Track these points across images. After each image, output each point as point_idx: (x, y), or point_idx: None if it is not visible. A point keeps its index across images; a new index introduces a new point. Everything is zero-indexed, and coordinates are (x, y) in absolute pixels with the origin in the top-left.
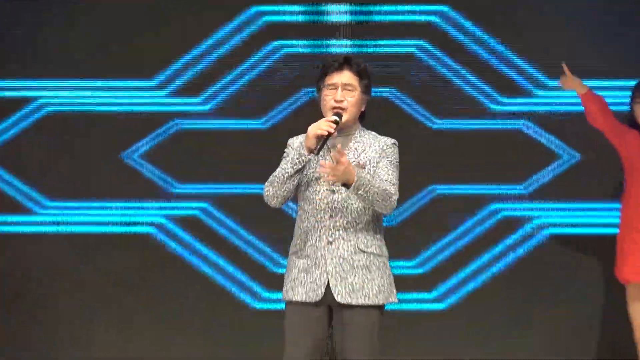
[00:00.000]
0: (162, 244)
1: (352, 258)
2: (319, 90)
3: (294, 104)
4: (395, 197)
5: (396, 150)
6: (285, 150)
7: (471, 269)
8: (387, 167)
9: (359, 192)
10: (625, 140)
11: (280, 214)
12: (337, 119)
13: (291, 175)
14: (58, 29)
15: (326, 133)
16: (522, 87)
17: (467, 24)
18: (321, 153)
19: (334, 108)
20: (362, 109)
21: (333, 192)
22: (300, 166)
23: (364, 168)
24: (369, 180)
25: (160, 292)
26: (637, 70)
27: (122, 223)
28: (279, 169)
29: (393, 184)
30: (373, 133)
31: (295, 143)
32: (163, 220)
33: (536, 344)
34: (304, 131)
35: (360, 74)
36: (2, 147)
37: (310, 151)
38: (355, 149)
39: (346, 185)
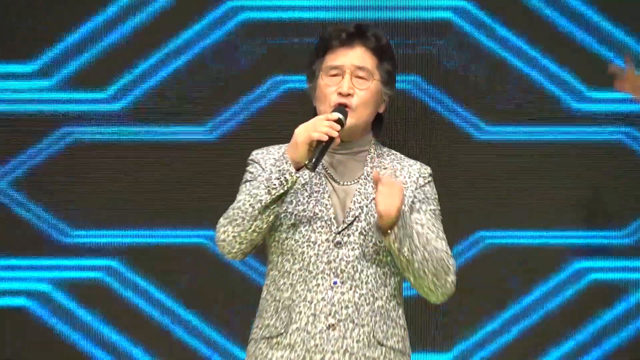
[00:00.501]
0: (41, 323)
1: (364, 355)
2: (313, 78)
3: (256, 102)
4: (454, 270)
5: (434, 187)
6: (249, 169)
7: None
8: (431, 219)
9: (402, 250)
10: None
11: (236, 277)
12: (340, 116)
13: (267, 206)
14: None
15: (326, 138)
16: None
17: None
18: (317, 174)
19: (338, 105)
20: (380, 110)
21: (339, 243)
22: (282, 190)
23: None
24: (420, 232)
25: None
26: None
27: None
28: (243, 198)
29: (447, 249)
30: (397, 153)
31: (268, 158)
32: (45, 288)
33: None
34: (271, 142)
35: (381, 54)
36: None
37: (299, 167)
38: (370, 179)
39: (383, 230)
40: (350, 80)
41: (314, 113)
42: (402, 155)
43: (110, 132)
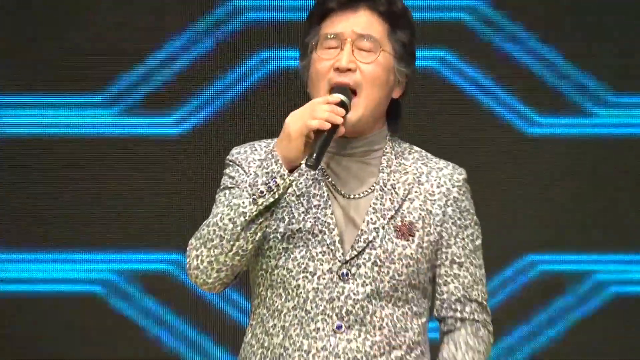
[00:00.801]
0: None
1: None
2: (305, 53)
3: (235, 86)
4: (490, 327)
5: (470, 197)
6: (228, 172)
7: None
8: (470, 256)
9: None
10: None
11: (211, 315)
12: (343, 97)
13: (252, 220)
14: None
15: (328, 126)
16: None
17: None
18: (315, 177)
19: (336, 85)
20: (396, 96)
21: (345, 275)
22: (272, 198)
23: (411, 238)
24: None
25: None
26: None
27: None
28: (220, 211)
29: (483, 300)
30: (421, 151)
31: (253, 158)
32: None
33: None
34: (254, 137)
35: (393, 19)
36: None
37: (294, 167)
38: (388, 189)
39: None
40: (351, 51)
41: (307, 100)
42: (429, 154)
43: (42, 126)
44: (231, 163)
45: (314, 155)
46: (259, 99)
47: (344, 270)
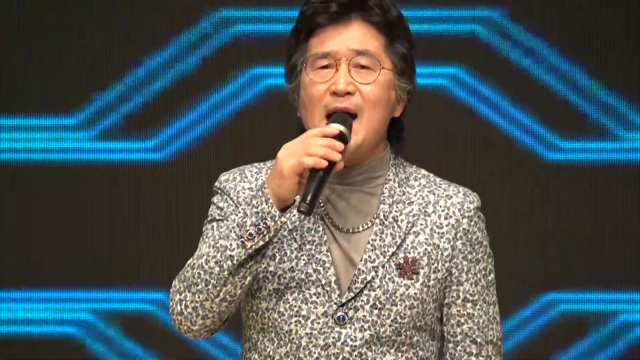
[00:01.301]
0: None
1: None
2: (294, 74)
3: (220, 109)
4: None
5: (484, 228)
6: (216, 202)
7: None
8: (484, 293)
9: None
10: None
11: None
12: (342, 129)
13: (241, 264)
14: None
15: (324, 164)
16: None
17: None
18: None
19: (334, 112)
20: (397, 114)
21: (341, 319)
22: (262, 242)
23: (415, 277)
24: None
25: None
26: None
27: None
28: (207, 252)
29: (498, 340)
30: (429, 175)
31: (242, 187)
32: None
33: None
34: (244, 161)
35: (390, 30)
36: None
37: (286, 207)
38: (390, 222)
39: None
40: (348, 72)
41: (299, 126)
42: (437, 179)
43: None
44: (219, 192)
45: (308, 199)
46: (249, 121)
47: (341, 314)
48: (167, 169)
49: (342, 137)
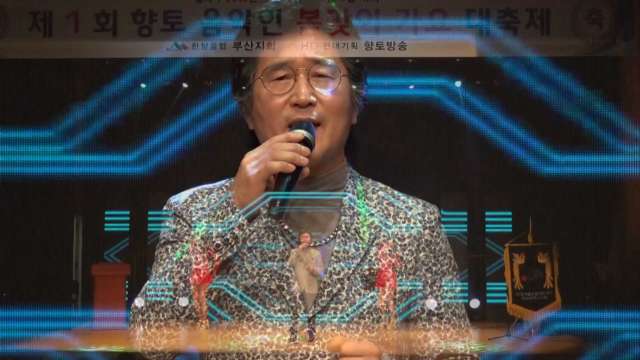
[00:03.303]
0: None
1: None
2: (243, 88)
3: (202, 121)
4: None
5: (446, 238)
6: (169, 225)
7: None
8: (452, 306)
9: None
10: None
11: None
12: (306, 134)
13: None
14: None
15: (292, 168)
16: None
17: None
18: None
19: (295, 124)
20: (355, 120)
21: (309, 335)
22: (230, 252)
23: (381, 289)
24: None
25: None
26: None
27: None
28: (169, 268)
29: (468, 331)
30: (387, 188)
31: (195, 208)
32: None
33: None
34: (227, 172)
35: (342, 32)
36: None
37: (253, 216)
38: (352, 234)
39: None
40: (307, 82)
41: (251, 139)
42: (395, 192)
43: None
44: (170, 214)
45: (277, 203)
46: (231, 134)
47: (308, 330)
48: (147, 182)
49: (306, 143)
